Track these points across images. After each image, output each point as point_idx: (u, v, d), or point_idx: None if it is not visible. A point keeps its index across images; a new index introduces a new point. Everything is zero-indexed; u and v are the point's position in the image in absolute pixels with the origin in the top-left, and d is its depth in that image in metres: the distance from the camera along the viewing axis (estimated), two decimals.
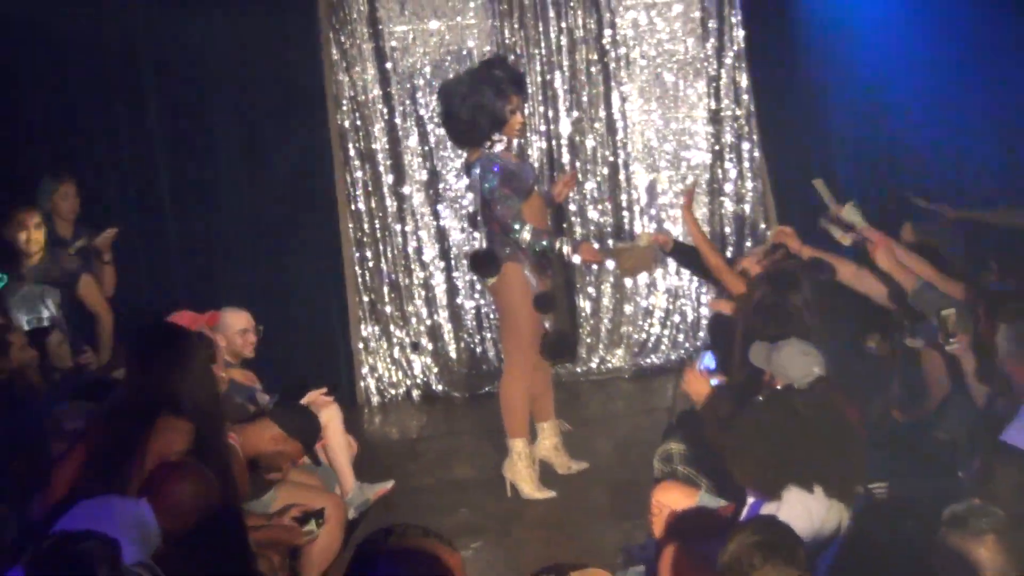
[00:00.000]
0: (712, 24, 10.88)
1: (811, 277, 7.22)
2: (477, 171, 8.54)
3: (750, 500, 5.65)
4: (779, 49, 10.69)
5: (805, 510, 5.37)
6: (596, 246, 8.98)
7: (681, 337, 11.19)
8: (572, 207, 11.14)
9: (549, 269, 8.77)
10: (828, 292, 7.45)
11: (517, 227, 8.42)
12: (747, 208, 11.00)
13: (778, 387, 5.81)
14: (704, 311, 11.02)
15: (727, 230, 11.12)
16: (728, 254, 10.67)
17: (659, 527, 6.51)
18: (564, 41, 10.96)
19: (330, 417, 8.32)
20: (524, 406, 8.84)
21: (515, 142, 9.20)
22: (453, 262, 11.23)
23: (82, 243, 9.27)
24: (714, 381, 6.71)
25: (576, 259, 8.73)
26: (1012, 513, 4.72)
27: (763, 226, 10.81)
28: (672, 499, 6.49)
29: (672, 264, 10.99)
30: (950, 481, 5.38)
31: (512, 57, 10.46)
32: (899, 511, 5.77)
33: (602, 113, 11.08)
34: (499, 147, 8.60)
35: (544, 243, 8.49)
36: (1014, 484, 5.16)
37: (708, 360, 6.86)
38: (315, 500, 7.28)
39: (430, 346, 11.29)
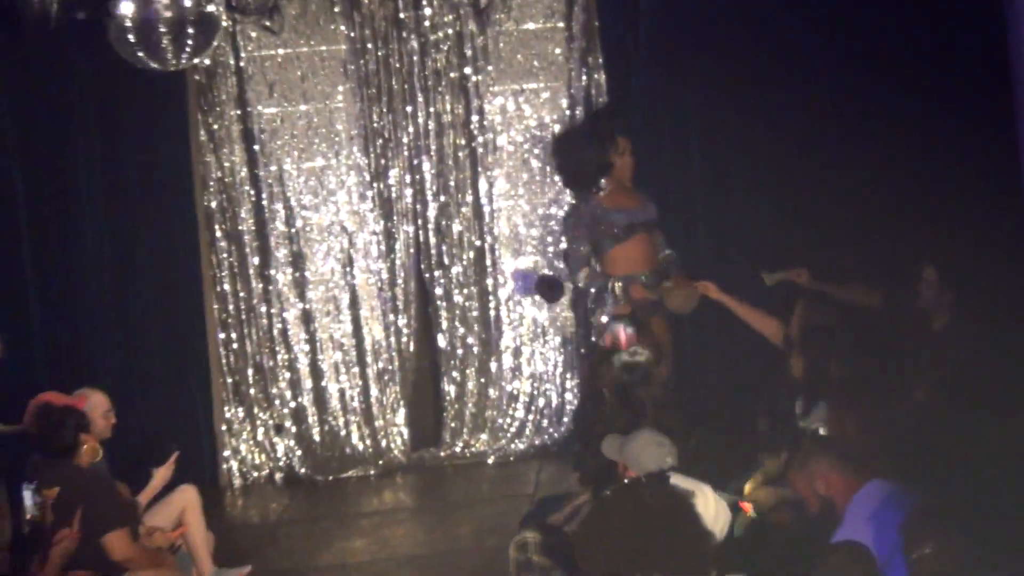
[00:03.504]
0: (580, 111, 11.01)
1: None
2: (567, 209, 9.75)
3: None
4: (647, 136, 10.62)
5: None
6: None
7: (545, 423, 11.24)
8: (438, 291, 11.22)
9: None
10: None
11: (574, 271, 9.55)
12: None
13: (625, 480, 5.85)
14: (569, 396, 11.16)
15: (592, 317, 10.63)
16: (592, 339, 10.81)
17: None
18: (432, 125, 11.07)
19: (189, 500, 8.33)
20: None
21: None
22: (319, 345, 11.28)
23: None
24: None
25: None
26: None
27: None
28: None
29: (538, 351, 11.19)
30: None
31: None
32: None
33: (469, 198, 11.18)
34: (604, 192, 9.61)
35: (598, 285, 9.46)
36: None
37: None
38: None
39: (294, 429, 11.27)
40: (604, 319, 9.34)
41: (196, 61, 9.04)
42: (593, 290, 9.60)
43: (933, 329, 8.13)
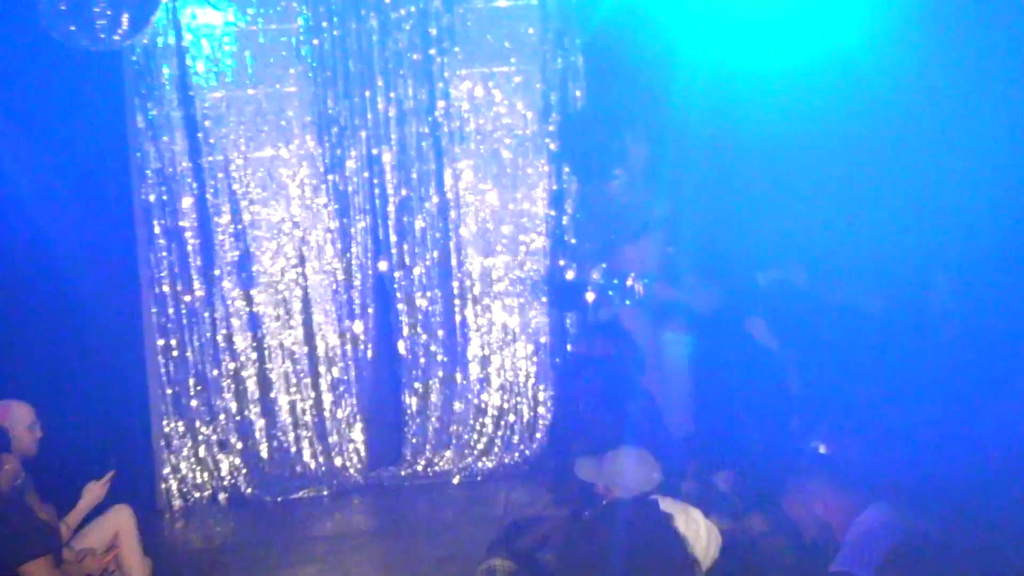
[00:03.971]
0: (554, 97, 10.92)
1: None
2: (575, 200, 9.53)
3: None
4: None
5: None
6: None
7: (516, 439, 11.14)
8: (399, 293, 11.13)
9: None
10: None
11: (589, 268, 9.55)
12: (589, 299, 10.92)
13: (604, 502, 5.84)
14: (542, 410, 11.08)
15: (567, 322, 11.09)
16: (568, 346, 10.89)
17: None
18: (393, 112, 11.00)
19: (123, 521, 8.20)
20: None
21: None
22: (267, 352, 11.16)
23: None
24: None
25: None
26: None
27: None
28: None
29: (508, 359, 11.13)
30: None
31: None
32: None
33: (433, 192, 11.08)
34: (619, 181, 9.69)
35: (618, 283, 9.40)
36: None
37: None
38: None
39: (239, 445, 11.16)
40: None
41: (133, 40, 9.00)
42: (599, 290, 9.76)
43: (941, 341, 8.18)
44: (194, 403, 11.12)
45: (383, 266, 11.08)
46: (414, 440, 11.21)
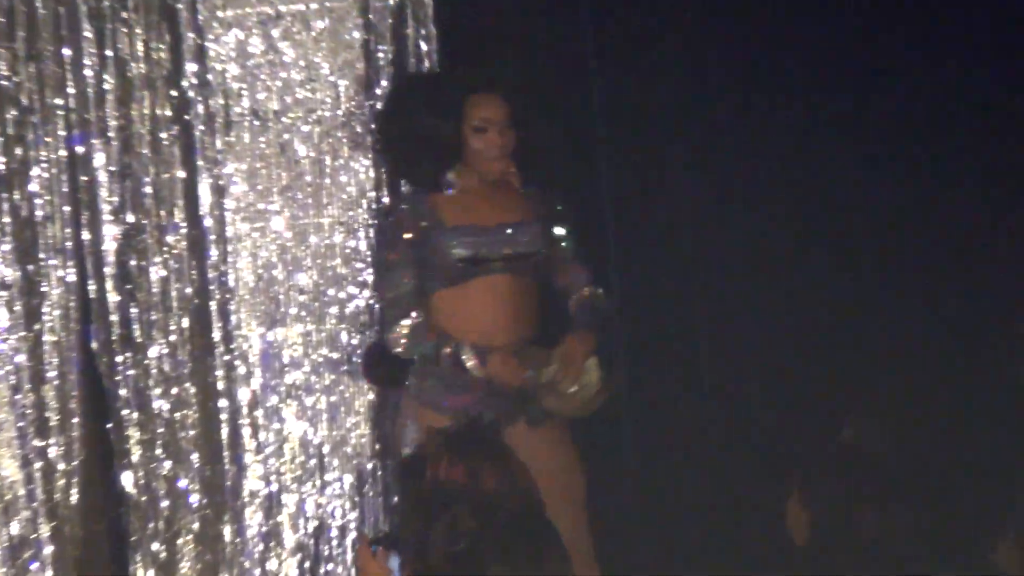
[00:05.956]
0: (384, 53, 9.11)
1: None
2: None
3: None
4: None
5: None
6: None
7: None
8: (123, 391, 9.03)
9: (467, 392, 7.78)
10: None
11: (388, 324, 8.00)
12: None
13: None
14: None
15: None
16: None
17: None
18: (110, 81, 8.77)
19: None
20: None
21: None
22: None
23: None
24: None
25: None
26: None
27: None
28: None
29: (312, 499, 9.50)
30: None
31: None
32: None
33: (180, 217, 9.01)
34: (452, 190, 8.10)
35: (427, 349, 7.83)
36: None
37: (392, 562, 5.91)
38: None
39: None
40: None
41: None
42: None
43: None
44: None
45: (96, 344, 8.75)
46: None
